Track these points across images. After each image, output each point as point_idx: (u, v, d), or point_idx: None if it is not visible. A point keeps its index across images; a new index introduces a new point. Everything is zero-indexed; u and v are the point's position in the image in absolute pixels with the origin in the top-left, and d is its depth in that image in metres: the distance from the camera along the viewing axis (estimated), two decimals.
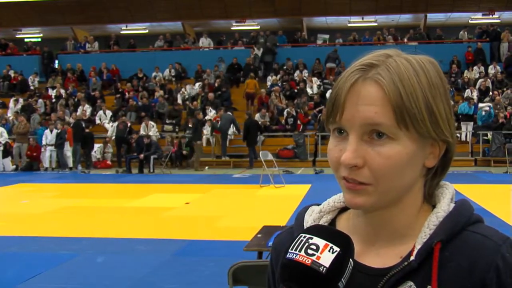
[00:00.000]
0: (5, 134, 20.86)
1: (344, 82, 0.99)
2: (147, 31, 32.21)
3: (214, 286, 5.94)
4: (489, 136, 20.17)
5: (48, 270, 6.78)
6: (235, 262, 3.35)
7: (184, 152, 20.38)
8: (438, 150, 1.03)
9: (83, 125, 21.20)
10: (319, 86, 24.66)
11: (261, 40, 28.09)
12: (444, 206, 1.04)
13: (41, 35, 33.56)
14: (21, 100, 25.83)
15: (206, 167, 20.43)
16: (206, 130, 21.71)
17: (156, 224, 9.81)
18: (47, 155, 20.73)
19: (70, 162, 20.54)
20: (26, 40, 32.87)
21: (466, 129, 20.88)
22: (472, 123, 20.91)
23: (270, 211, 10.66)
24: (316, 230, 0.99)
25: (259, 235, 4.90)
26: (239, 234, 8.09)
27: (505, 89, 23.22)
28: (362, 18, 30.29)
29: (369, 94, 0.97)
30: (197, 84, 25.98)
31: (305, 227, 1.12)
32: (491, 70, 25.02)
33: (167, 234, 8.84)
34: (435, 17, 29.90)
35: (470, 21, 29.85)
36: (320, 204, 1.17)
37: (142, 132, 21.08)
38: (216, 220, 10.03)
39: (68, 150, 20.46)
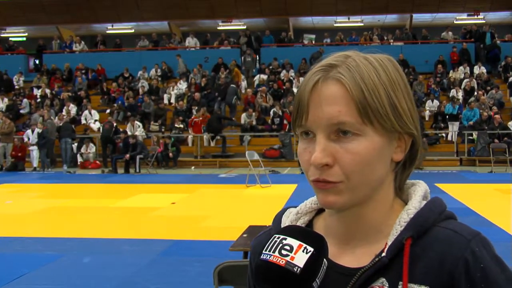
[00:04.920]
0: None
1: (306, 85, 1.01)
2: (133, 30, 32.11)
3: (200, 286, 5.93)
4: (474, 136, 20.30)
5: (33, 271, 6.73)
6: (220, 262, 3.35)
7: (170, 154, 20.31)
8: (404, 144, 1.05)
9: (73, 126, 21.40)
10: None
11: (243, 39, 28.25)
12: (415, 203, 1.05)
13: (26, 34, 33.33)
14: (5, 99, 25.65)
15: (192, 167, 20.41)
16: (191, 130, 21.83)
17: (142, 224, 9.77)
18: (33, 155, 20.60)
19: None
20: (11, 39, 32.63)
21: (452, 129, 21.02)
22: (457, 123, 21.05)
23: (256, 211, 10.64)
24: (290, 231, 1.00)
25: (244, 235, 4.89)
26: (225, 234, 8.09)
27: (488, 88, 23.41)
28: (348, 18, 30.38)
29: (331, 93, 0.98)
30: (184, 84, 25.98)
31: None
32: (476, 70, 25.19)
33: (153, 234, 8.81)
34: (420, 18, 30.06)
35: (455, 22, 30.07)
36: (297, 206, 1.18)
37: (128, 132, 21.01)
38: (202, 220, 10.01)
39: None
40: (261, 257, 0.96)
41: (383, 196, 1.06)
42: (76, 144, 21.60)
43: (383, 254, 1.00)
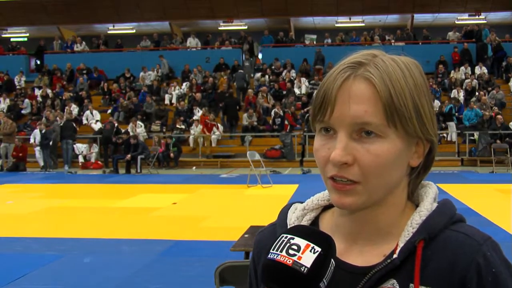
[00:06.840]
0: None
1: (334, 80, 0.99)
2: (134, 31, 32.10)
3: (201, 287, 5.92)
4: (476, 136, 20.28)
5: (34, 271, 6.73)
6: (221, 262, 3.34)
7: (172, 154, 20.29)
8: (422, 149, 1.05)
9: (74, 125, 21.50)
10: (311, 88, 24.61)
11: (246, 44, 28.37)
12: (427, 205, 1.05)
13: (27, 34, 33.34)
14: (7, 100, 25.66)
15: (194, 167, 20.40)
16: (194, 130, 21.81)
17: (143, 225, 9.76)
18: (38, 155, 20.62)
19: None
20: (12, 40, 32.62)
21: (452, 129, 20.98)
22: (456, 123, 21.02)
23: (257, 211, 10.63)
24: (298, 230, 0.99)
25: (246, 235, 4.88)
26: (226, 234, 8.08)
27: (490, 88, 23.37)
28: (350, 19, 30.35)
29: (360, 92, 0.97)
30: (184, 84, 25.99)
31: (288, 224, 1.13)
32: (477, 70, 25.14)
33: (153, 235, 8.80)
34: (422, 18, 30.04)
35: (456, 22, 30.04)
36: (303, 202, 1.17)
37: (130, 132, 21.01)
38: (203, 220, 10.00)
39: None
40: (268, 256, 0.95)
41: (397, 200, 1.06)
42: (86, 145, 21.61)
43: (395, 256, 1.00)
